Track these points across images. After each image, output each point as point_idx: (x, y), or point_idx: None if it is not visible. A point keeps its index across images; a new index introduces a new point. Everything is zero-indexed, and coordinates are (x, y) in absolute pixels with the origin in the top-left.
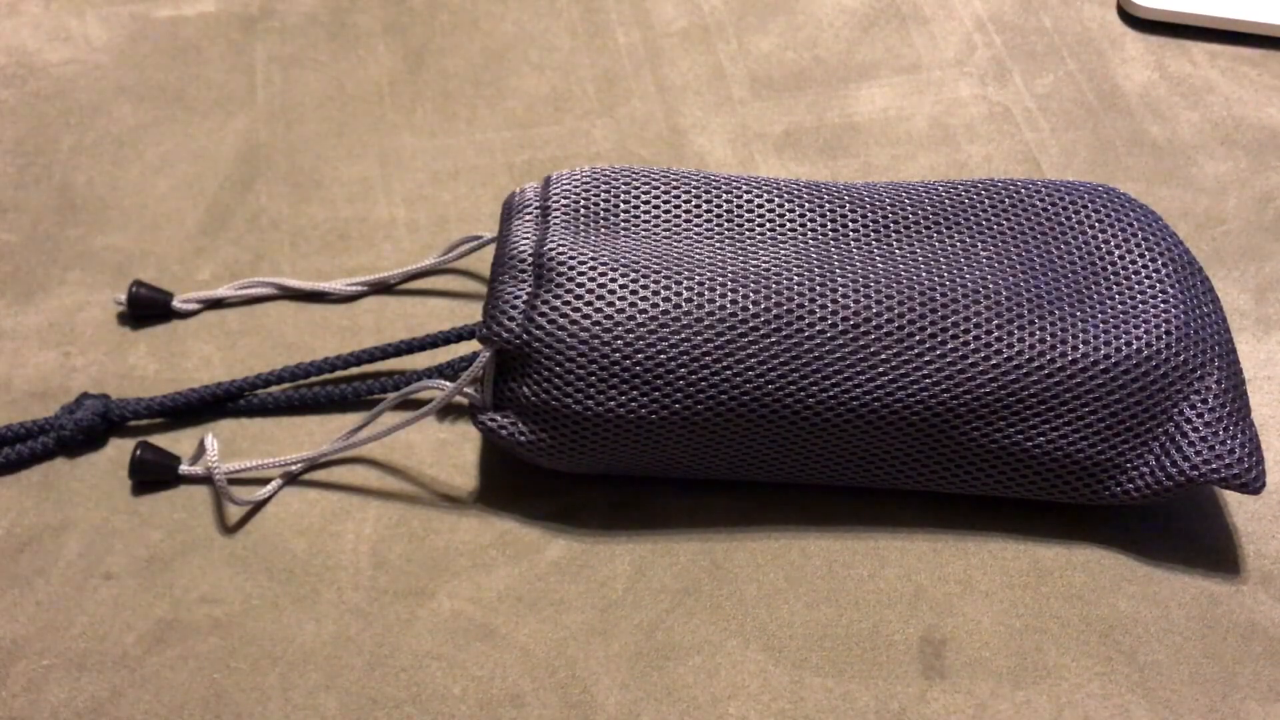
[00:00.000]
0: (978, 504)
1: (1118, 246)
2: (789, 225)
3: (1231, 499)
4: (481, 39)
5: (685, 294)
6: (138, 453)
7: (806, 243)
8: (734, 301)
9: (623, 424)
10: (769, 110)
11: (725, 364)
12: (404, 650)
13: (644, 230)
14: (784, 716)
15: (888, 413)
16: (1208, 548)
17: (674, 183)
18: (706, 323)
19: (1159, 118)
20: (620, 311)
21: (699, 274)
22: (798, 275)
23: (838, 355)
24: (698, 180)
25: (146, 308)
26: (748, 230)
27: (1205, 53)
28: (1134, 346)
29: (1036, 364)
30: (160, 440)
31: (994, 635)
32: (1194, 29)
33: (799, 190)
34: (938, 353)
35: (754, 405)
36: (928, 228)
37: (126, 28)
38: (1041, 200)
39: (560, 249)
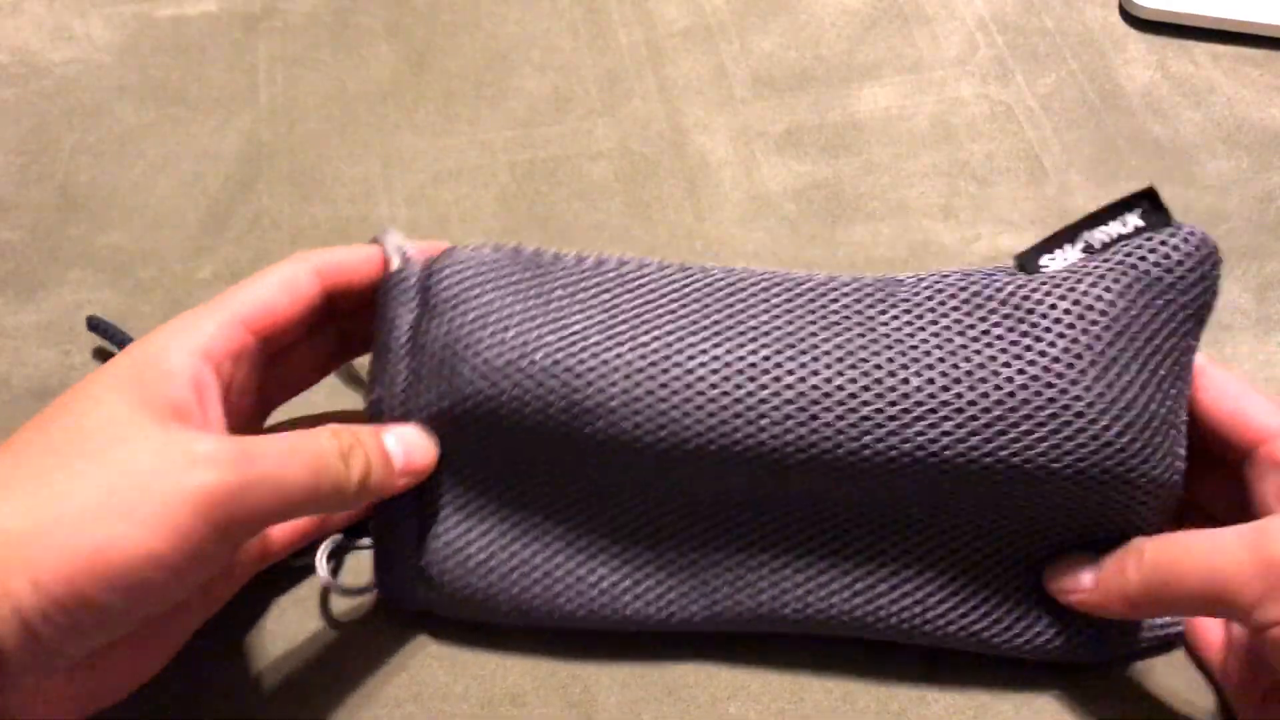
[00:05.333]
0: None
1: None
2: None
3: None
4: (484, 39)
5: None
6: None
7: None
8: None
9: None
10: (771, 109)
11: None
12: (406, 648)
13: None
14: (784, 716)
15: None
16: None
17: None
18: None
19: (1161, 117)
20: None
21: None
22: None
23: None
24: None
25: None
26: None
27: (1207, 53)
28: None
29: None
30: None
31: None
32: (1196, 29)
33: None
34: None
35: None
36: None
37: (129, 27)
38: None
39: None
